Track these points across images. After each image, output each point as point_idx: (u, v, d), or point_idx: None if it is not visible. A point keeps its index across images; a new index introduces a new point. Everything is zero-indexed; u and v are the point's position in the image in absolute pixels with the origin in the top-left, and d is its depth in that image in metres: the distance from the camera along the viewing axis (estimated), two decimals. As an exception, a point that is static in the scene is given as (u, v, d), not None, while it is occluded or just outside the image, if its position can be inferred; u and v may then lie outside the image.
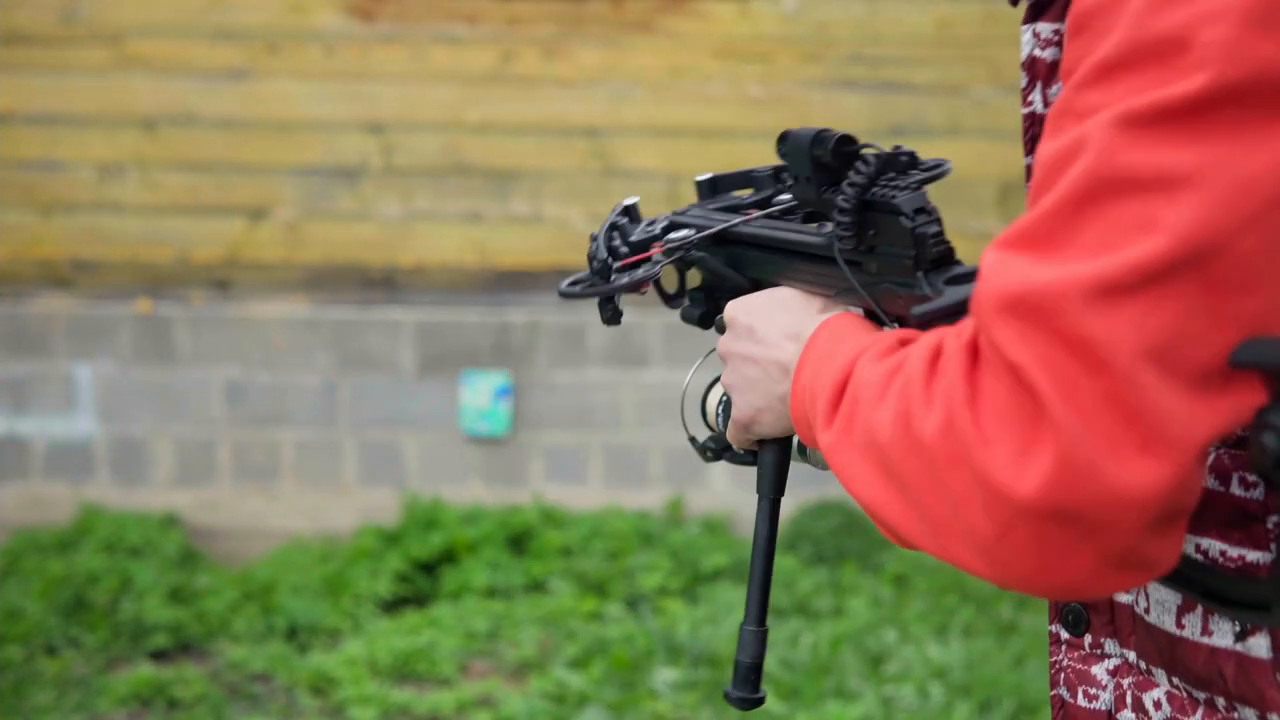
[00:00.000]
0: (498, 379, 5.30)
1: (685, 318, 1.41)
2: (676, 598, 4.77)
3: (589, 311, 5.79)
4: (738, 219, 1.31)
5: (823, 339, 1.10)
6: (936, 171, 1.11)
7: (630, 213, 1.41)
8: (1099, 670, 1.05)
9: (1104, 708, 1.05)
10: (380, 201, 5.35)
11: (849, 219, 1.11)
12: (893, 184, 1.10)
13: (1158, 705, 1.00)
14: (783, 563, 4.91)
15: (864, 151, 1.14)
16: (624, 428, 5.34)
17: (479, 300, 5.36)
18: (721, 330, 1.33)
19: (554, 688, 4.17)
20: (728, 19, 5.27)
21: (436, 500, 5.13)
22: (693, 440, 1.39)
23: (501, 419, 5.30)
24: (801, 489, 5.26)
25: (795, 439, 1.30)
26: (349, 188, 5.34)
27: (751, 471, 1.32)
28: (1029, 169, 1.01)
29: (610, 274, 1.39)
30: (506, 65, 5.28)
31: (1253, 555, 0.93)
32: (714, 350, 1.35)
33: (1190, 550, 0.96)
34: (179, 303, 5.34)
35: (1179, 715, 0.98)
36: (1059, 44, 0.99)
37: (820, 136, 1.15)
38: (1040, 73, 1.02)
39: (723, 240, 1.32)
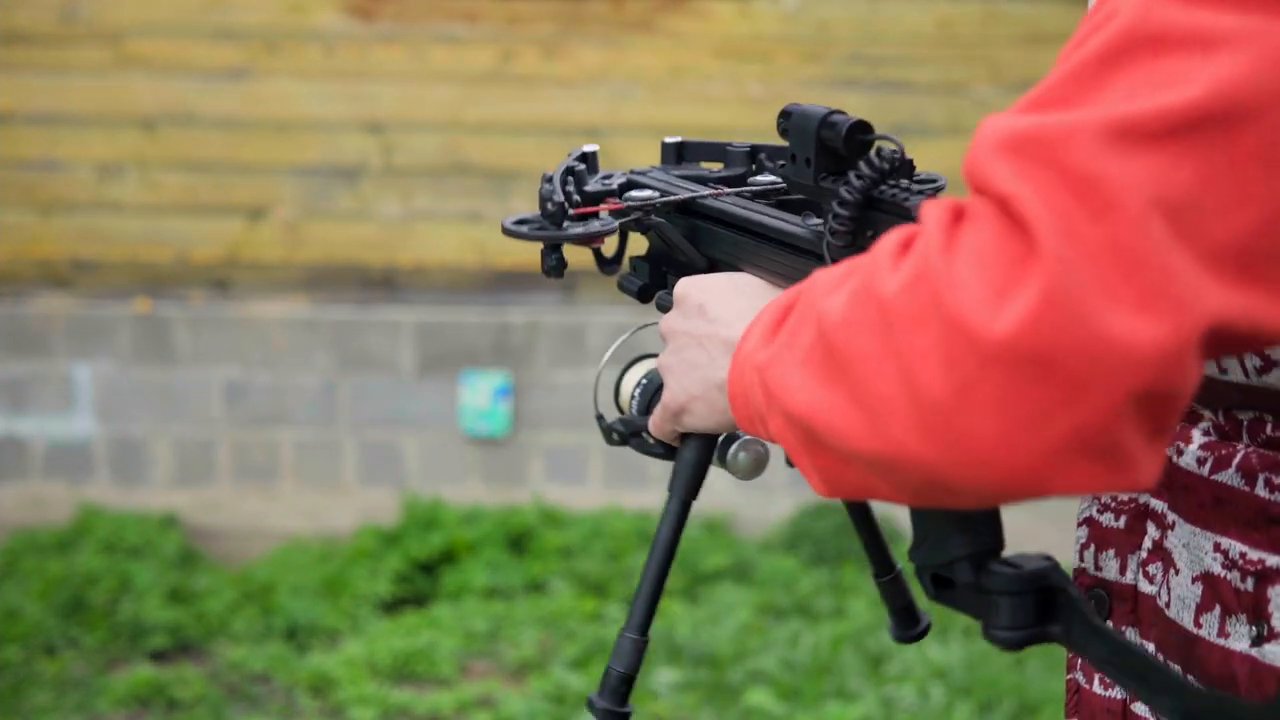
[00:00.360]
0: (497, 379, 5.30)
1: (622, 287, 1.30)
2: (676, 598, 4.77)
3: (590, 312, 5.78)
4: (709, 190, 1.22)
5: (770, 311, 0.99)
6: (934, 186, 1.02)
7: (588, 160, 1.32)
8: None
9: (1120, 696, 1.02)
10: (380, 201, 5.35)
11: (850, 214, 1.02)
12: (902, 187, 1.01)
13: None
14: (783, 563, 4.92)
15: (879, 143, 1.05)
16: (624, 428, 5.33)
17: (479, 300, 5.36)
18: (664, 307, 1.24)
19: (553, 688, 4.17)
20: (728, 18, 5.27)
21: (436, 500, 5.12)
22: (600, 419, 1.29)
23: (501, 419, 5.30)
24: (801, 489, 5.25)
25: (720, 438, 1.20)
26: (349, 187, 5.34)
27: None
28: None
29: (564, 221, 1.27)
30: (506, 65, 5.29)
31: (1273, 560, 0.91)
32: (653, 355, 1.25)
33: (1209, 548, 0.94)
34: (178, 303, 5.35)
35: None
36: None
37: (831, 119, 1.05)
38: None
39: (687, 211, 1.23)
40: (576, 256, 1.35)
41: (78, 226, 5.32)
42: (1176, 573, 0.97)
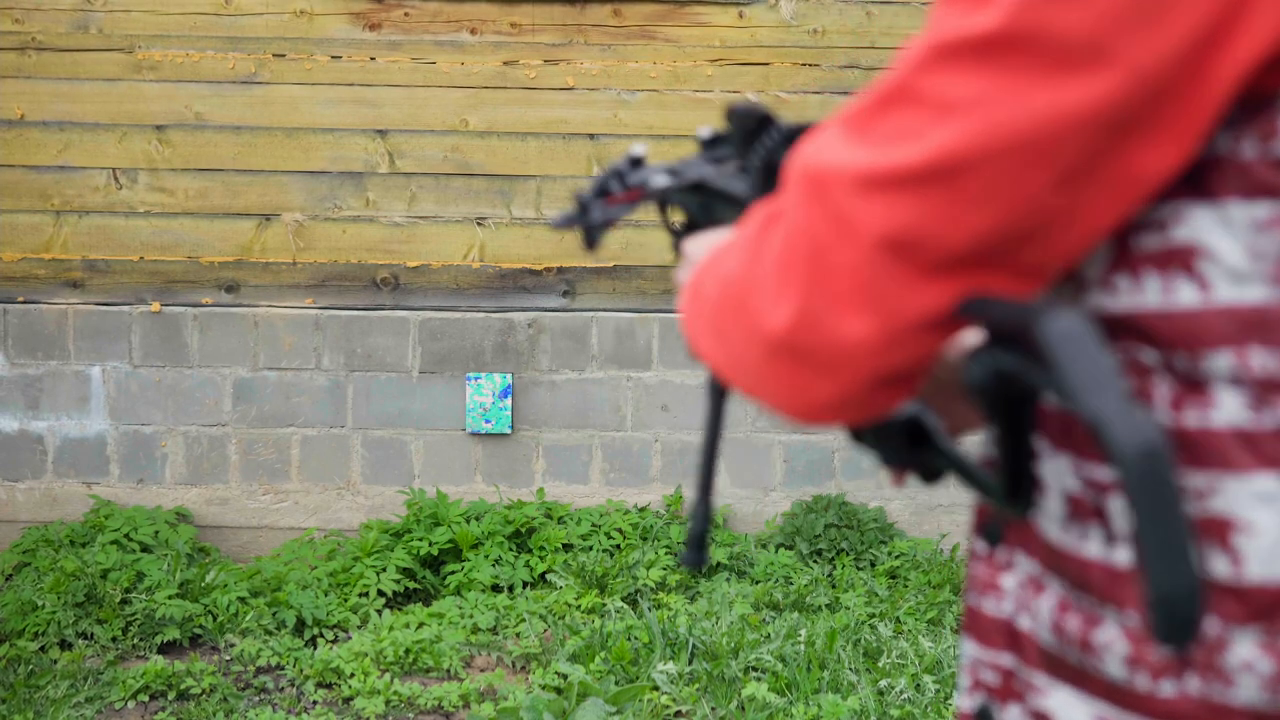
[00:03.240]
0: (501, 378, 5.31)
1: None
2: (676, 593, 4.75)
3: (591, 312, 5.79)
4: (703, 170, 1.45)
5: (692, 277, 1.24)
6: None
7: (637, 162, 1.55)
8: (1007, 579, 1.13)
9: (1006, 615, 1.12)
10: (386, 205, 5.35)
11: (757, 178, 1.29)
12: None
13: (1048, 610, 1.08)
14: (780, 558, 4.90)
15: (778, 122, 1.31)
16: (624, 426, 5.34)
17: (482, 301, 5.37)
18: None
19: (556, 680, 4.17)
20: (726, 26, 5.28)
21: (441, 497, 5.12)
22: None
23: (505, 418, 5.30)
24: (799, 487, 5.28)
25: None
26: (356, 191, 5.34)
27: (746, 466, 1.42)
28: None
29: (588, 210, 1.54)
30: (509, 72, 5.29)
31: (1104, 472, 1.02)
32: None
33: (1066, 467, 1.07)
34: (189, 304, 5.35)
35: (1060, 616, 1.06)
36: None
37: (749, 109, 1.32)
38: None
39: (698, 189, 1.45)
40: (575, 257, 1.54)
41: (90, 229, 5.32)
42: (1047, 491, 1.08)
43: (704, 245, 1.32)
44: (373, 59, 5.29)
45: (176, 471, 5.33)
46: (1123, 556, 1.02)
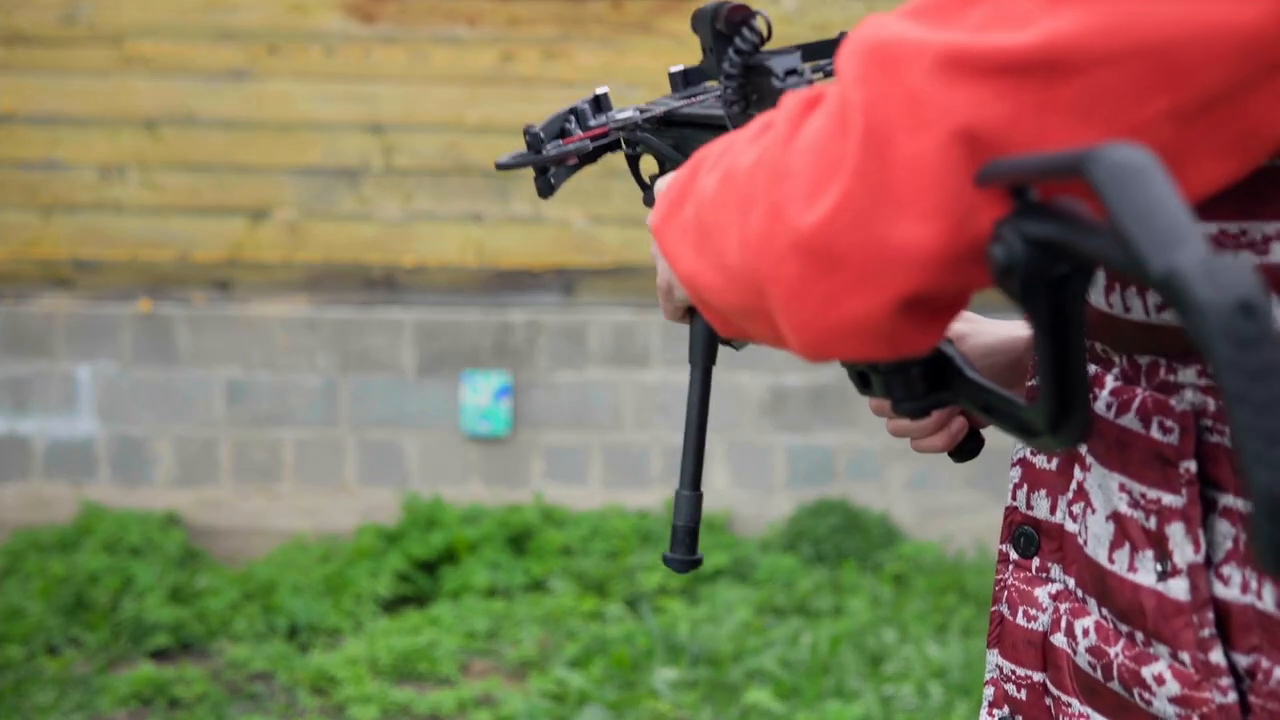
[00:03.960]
0: (498, 379, 5.31)
1: (649, 202, 1.43)
2: (676, 597, 4.77)
3: (590, 312, 5.79)
4: (681, 103, 1.33)
5: (671, 185, 1.09)
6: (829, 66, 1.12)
7: (599, 102, 1.44)
8: (1041, 593, 1.08)
9: (1041, 629, 1.07)
10: (381, 202, 5.35)
11: (734, 84, 1.13)
12: (779, 51, 1.12)
13: (1086, 633, 1.02)
14: (782, 562, 4.92)
15: (756, 18, 1.15)
16: (624, 428, 5.34)
17: (479, 300, 5.37)
18: None
19: (554, 687, 4.17)
20: (728, 20, 5.28)
21: (437, 500, 5.13)
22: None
23: (502, 419, 5.31)
24: (802, 489, 5.27)
25: None
26: (350, 188, 5.35)
27: (748, 468, 1.33)
28: None
29: (540, 148, 1.44)
30: (507, 66, 5.29)
31: (1168, 499, 0.95)
32: None
33: (1116, 488, 0.99)
34: (180, 303, 5.35)
35: (1102, 644, 1.00)
36: None
37: (718, 9, 1.17)
38: None
39: (670, 124, 1.33)
40: (575, 258, 1.43)
41: (79, 227, 5.33)
42: (1093, 511, 1.02)
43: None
44: (367, 53, 5.29)
45: (167, 473, 5.34)
46: (1179, 589, 0.95)
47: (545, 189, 1.46)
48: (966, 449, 1.26)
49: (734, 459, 5.29)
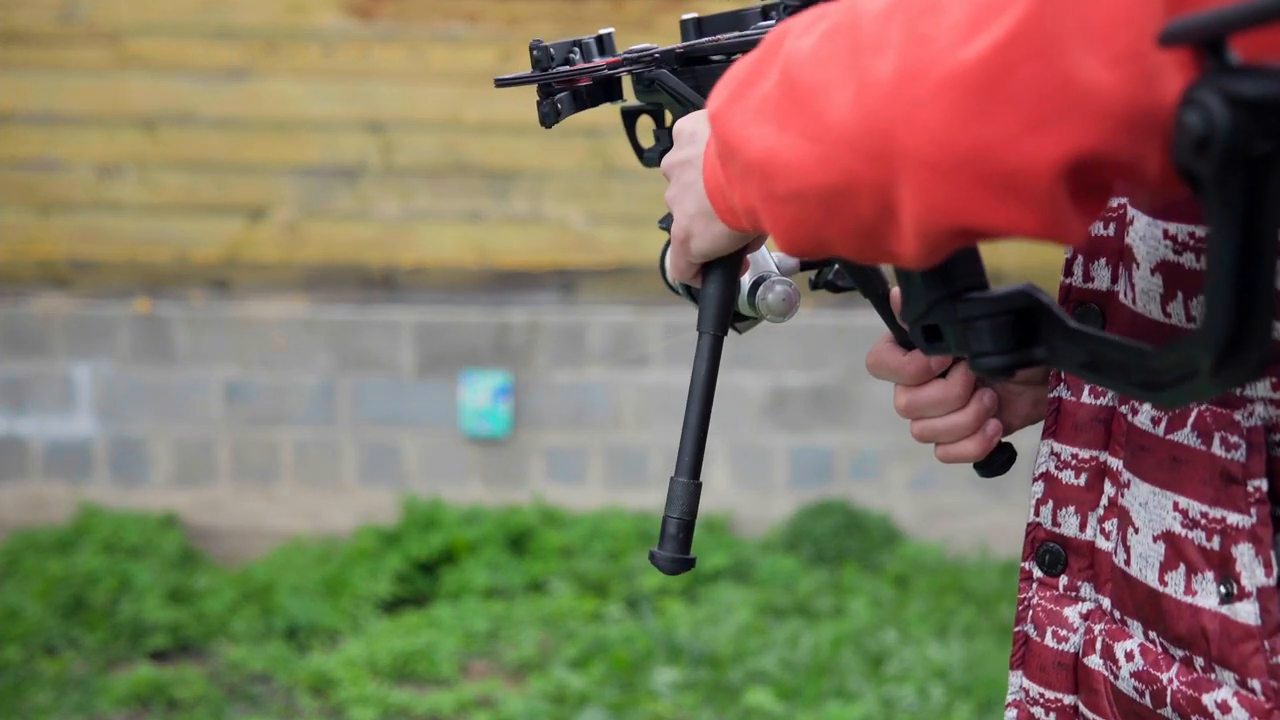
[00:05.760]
0: (497, 379, 5.30)
1: (648, 162, 1.32)
2: (676, 598, 4.77)
3: (589, 312, 5.78)
4: (705, 40, 1.25)
5: (734, 71, 0.99)
6: None
7: (603, 42, 1.35)
8: (1071, 613, 1.04)
9: (1072, 650, 1.03)
10: (380, 201, 5.34)
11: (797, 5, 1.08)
12: None
13: (1129, 656, 0.98)
14: (783, 563, 4.91)
15: None
16: (624, 428, 5.33)
17: (478, 300, 5.36)
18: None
19: (554, 688, 4.17)
20: (727, 18, 5.27)
21: (436, 500, 5.12)
22: (668, 284, 1.27)
23: (501, 419, 5.30)
24: (802, 490, 5.25)
25: (746, 279, 1.18)
26: (348, 187, 5.34)
27: (749, 469, 1.27)
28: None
29: (549, 66, 1.32)
30: (506, 64, 5.28)
31: (1234, 518, 0.91)
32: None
33: (1169, 506, 0.94)
34: (178, 303, 5.34)
35: (1152, 669, 0.96)
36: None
37: None
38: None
39: (690, 62, 1.25)
40: (575, 257, 1.37)
41: (77, 226, 5.32)
42: (1136, 531, 0.97)
43: (703, 121, 1.07)
44: (366, 52, 5.28)
45: (165, 474, 5.33)
46: (1248, 613, 0.90)
47: (550, 115, 1.31)
48: (999, 462, 1.15)
49: (734, 459, 5.28)
